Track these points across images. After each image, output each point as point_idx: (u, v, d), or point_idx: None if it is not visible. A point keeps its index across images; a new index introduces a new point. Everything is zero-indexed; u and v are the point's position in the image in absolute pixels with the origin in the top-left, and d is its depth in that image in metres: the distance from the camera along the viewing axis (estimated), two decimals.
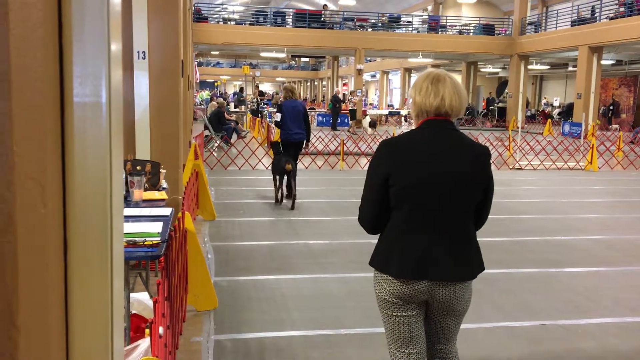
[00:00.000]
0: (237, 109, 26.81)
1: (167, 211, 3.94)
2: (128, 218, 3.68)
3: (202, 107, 30.62)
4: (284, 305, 4.59)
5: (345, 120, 26.37)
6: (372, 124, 22.19)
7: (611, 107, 29.37)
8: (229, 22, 28.75)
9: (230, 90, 67.73)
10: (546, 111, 33.71)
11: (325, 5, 32.52)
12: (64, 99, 0.80)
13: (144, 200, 4.24)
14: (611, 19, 23.82)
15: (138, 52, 5.62)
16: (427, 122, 2.38)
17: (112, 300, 0.96)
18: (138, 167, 4.71)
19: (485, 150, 2.39)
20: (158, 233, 3.31)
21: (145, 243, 3.12)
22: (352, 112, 25.34)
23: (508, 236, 7.07)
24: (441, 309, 2.39)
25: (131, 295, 3.77)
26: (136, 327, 3.66)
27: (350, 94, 27.74)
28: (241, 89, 32.10)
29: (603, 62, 25.55)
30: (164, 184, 4.81)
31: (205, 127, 16.41)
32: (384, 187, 2.38)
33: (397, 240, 2.38)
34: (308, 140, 9.24)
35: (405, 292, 2.35)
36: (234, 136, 17.34)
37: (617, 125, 27.47)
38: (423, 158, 2.31)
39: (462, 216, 2.35)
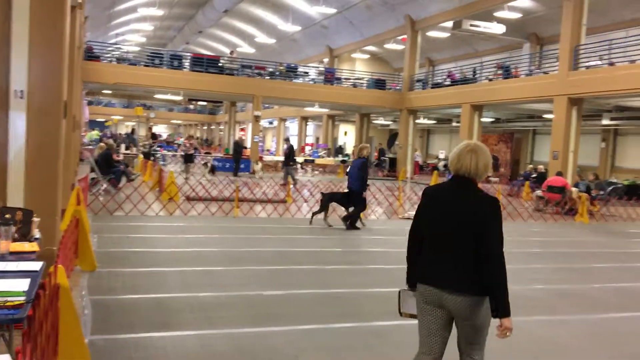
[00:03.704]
0: (128, 151, 25.83)
1: (37, 265, 3.58)
2: None
3: (91, 147, 29.21)
4: None
5: (242, 166, 26.19)
6: (205, 165, 23.32)
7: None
8: (122, 62, 27.95)
9: (123, 130, 65.50)
10: (419, 162, 35.19)
11: (232, 51, 32.64)
12: None
13: (11, 253, 3.84)
14: (490, 80, 25.86)
15: (16, 90, 5.23)
16: (452, 177, 3.35)
17: None
18: (7, 215, 4.29)
19: (487, 199, 3.19)
20: (23, 292, 2.98)
21: (7, 304, 2.79)
22: (188, 157, 24.81)
23: (396, 286, 7.16)
24: (455, 315, 3.22)
25: None
26: None
27: (187, 138, 28.19)
28: (133, 130, 31.09)
29: (483, 119, 27.51)
30: (36, 233, 4.41)
31: (92, 169, 15.57)
32: (420, 220, 3.41)
33: (425, 259, 3.33)
34: (360, 188, 11.52)
35: (425, 295, 3.30)
36: (123, 180, 16.58)
37: (496, 179, 29.46)
38: (440, 201, 3.31)
39: (462, 246, 3.16)
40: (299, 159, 33.53)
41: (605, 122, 24.43)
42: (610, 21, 24.42)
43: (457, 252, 3.16)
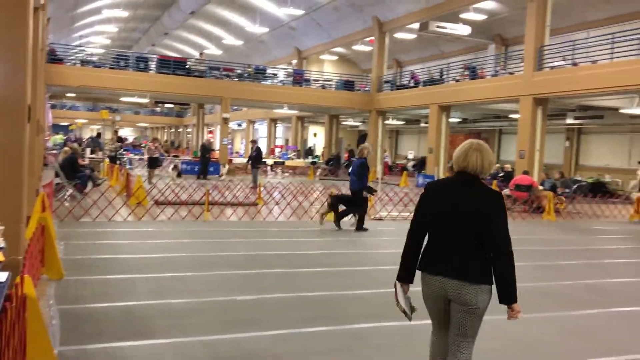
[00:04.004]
0: (93, 155, 25.32)
1: (2, 276, 3.43)
2: None
3: (55, 152, 28.54)
4: None
5: (211, 169, 25.94)
6: (175, 168, 23.91)
7: None
8: (86, 65, 27.39)
9: (87, 134, 64.31)
10: (388, 162, 35.52)
11: (202, 53, 32.31)
12: None
13: None
14: (457, 81, 26.17)
15: None
16: (457, 173, 3.51)
17: None
18: None
19: (493, 194, 3.40)
20: None
21: None
22: (152, 161, 23.82)
23: (373, 288, 7.16)
24: (454, 300, 3.38)
25: None
26: None
27: (152, 141, 28.19)
28: (99, 134, 30.50)
29: (451, 119, 27.82)
30: (0, 242, 4.24)
31: (57, 175, 15.18)
32: (422, 214, 3.55)
33: (428, 251, 3.52)
34: (362, 188, 11.66)
35: (429, 286, 3.48)
36: (90, 184, 16.22)
37: None
38: (444, 197, 3.46)
39: (467, 238, 3.35)
40: (269, 161, 33.40)
41: (569, 121, 24.98)
42: (572, 22, 24.99)
43: (462, 244, 3.36)
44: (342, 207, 12.21)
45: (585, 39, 22.11)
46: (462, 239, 3.36)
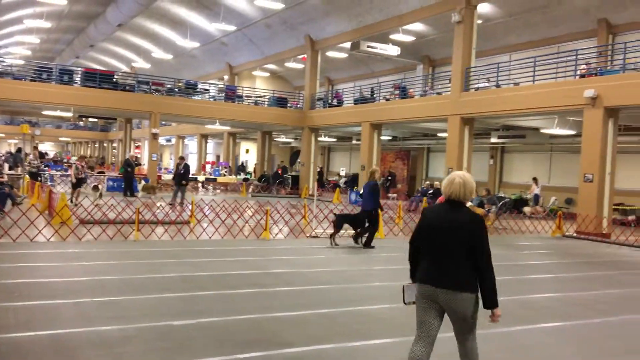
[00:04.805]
0: (12, 172, 23.97)
1: None
2: None
3: None
4: None
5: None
6: (95, 188, 22.12)
7: (389, 178, 32.50)
8: (5, 76, 25.99)
9: (4, 149, 61.05)
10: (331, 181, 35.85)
11: (133, 67, 31.39)
12: None
13: None
14: (387, 100, 26.74)
15: None
16: (445, 200, 4.16)
17: None
18: None
19: (474, 218, 4.03)
20: None
21: None
22: (78, 181, 22.09)
23: (311, 308, 7.06)
24: (447, 309, 4.03)
25: None
26: None
27: (80, 159, 26.63)
28: (19, 149, 28.96)
29: (382, 137, 28.33)
30: None
31: None
32: (420, 234, 4.20)
33: (422, 263, 4.16)
34: (373, 208, 12.58)
35: (422, 291, 4.09)
36: (8, 203, 15.29)
37: (395, 195, 30.39)
38: (436, 219, 4.10)
39: (455, 252, 3.97)
40: (200, 177, 32.82)
41: (493, 140, 26.03)
42: (496, 45, 26.18)
43: (449, 258, 3.99)
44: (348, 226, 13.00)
45: (507, 62, 23.18)
46: (451, 255, 3.98)
